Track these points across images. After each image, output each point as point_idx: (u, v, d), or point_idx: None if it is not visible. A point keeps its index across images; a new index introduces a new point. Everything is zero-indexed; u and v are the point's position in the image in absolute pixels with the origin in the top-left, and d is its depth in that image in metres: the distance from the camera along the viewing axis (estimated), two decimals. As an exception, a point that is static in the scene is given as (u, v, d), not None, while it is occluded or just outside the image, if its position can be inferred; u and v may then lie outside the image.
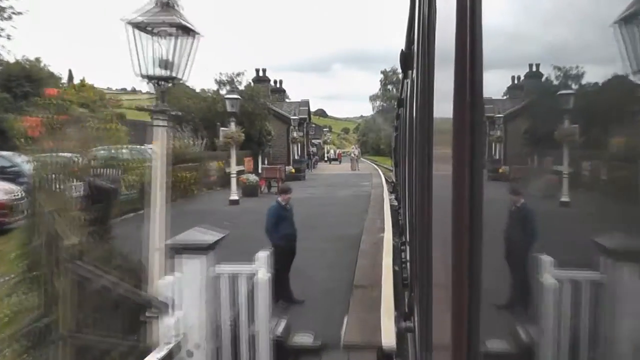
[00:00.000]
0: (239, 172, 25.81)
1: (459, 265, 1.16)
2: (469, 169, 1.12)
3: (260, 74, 42.25)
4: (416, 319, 3.41)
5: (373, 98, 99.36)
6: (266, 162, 34.74)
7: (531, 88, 1.05)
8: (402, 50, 4.98)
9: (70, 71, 45.16)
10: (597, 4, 0.73)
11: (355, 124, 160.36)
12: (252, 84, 32.70)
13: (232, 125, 20.31)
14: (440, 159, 1.63)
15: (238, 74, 33.84)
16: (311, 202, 20.17)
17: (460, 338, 1.14)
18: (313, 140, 68.21)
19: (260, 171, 28.53)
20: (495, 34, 1.07)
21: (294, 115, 41.04)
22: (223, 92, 31.74)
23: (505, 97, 1.22)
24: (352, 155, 50.43)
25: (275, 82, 46.53)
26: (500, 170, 1.27)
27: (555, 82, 0.86)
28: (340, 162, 64.31)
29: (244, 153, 29.94)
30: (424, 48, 2.54)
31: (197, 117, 28.50)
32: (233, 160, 20.41)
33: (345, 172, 42.10)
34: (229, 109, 20.02)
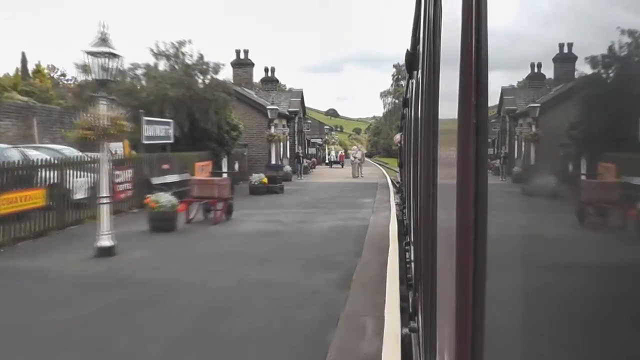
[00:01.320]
0: (182, 184, 16.72)
1: (463, 265, 1.16)
2: (473, 170, 1.12)
3: (242, 56, 34.50)
4: (420, 319, 3.41)
5: (384, 94, 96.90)
6: (236, 167, 26.02)
7: (538, 88, 1.05)
8: (407, 50, 4.97)
9: (23, 54, 38.32)
10: (605, 3, 0.73)
11: (367, 124, 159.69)
12: (204, 57, 22.92)
13: (102, 107, 10.34)
14: (445, 159, 1.63)
15: (181, 43, 22.35)
16: (253, 250, 10.53)
17: (465, 338, 1.14)
18: (313, 140, 59.91)
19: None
20: (501, 34, 1.07)
21: (275, 105, 29.09)
22: (164, 68, 22.62)
23: (511, 97, 1.22)
24: (353, 158, 37.93)
25: (266, 69, 38.78)
26: (507, 171, 1.27)
27: (563, 83, 0.86)
28: (342, 165, 54.20)
29: (196, 155, 20.75)
30: (429, 48, 2.54)
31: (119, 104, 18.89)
32: (103, 172, 10.59)
33: (345, 179, 32.79)
34: (98, 75, 10.22)
